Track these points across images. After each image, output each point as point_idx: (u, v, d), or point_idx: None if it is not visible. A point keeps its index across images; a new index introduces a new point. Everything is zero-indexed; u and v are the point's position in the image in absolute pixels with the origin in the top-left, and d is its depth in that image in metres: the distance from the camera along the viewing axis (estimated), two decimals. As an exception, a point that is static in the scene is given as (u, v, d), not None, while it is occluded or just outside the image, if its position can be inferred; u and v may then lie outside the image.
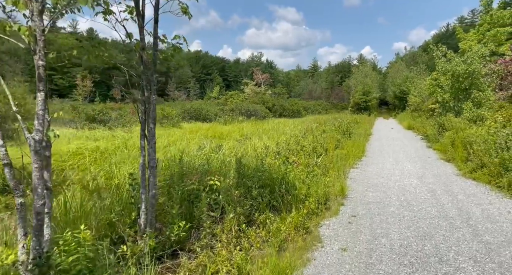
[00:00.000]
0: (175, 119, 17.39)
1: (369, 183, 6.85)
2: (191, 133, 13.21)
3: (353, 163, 9.17)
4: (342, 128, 15.50)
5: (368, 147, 12.56)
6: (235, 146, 8.21)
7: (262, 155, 7.03)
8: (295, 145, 8.96)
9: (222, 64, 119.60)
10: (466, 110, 12.37)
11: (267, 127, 17.17)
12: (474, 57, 12.69)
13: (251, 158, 6.68)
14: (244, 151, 7.43)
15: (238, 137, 12.00)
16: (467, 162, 8.27)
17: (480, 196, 5.72)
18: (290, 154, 7.88)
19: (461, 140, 9.20)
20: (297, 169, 6.52)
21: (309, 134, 12.47)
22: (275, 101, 33.76)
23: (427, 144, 13.06)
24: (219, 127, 17.18)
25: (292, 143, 9.13)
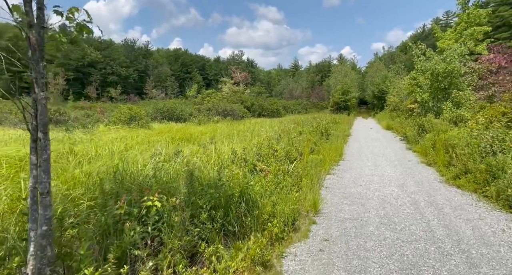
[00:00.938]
0: (143, 119, 16.18)
1: (346, 193, 6.11)
2: (159, 135, 12.12)
3: (330, 168, 8.45)
4: (320, 128, 14.85)
5: (347, 149, 11.93)
6: (198, 151, 7.28)
7: (227, 163, 6.14)
8: (267, 149, 8.12)
9: (202, 62, 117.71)
10: (445, 111, 11.97)
11: (242, 128, 16.27)
12: (454, 55, 12.31)
13: (212, 167, 5.78)
14: (206, 159, 6.52)
15: (209, 139, 11.05)
16: (449, 167, 7.71)
17: (468, 209, 5.08)
18: (261, 160, 7.04)
19: (443, 143, 8.67)
20: (265, 179, 5.68)
21: (285, 135, 11.69)
22: (254, 100, 32.90)
23: (407, 146, 12.59)
24: (192, 128, 16.14)
25: (265, 147, 8.29)
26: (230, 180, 4.43)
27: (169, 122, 20.12)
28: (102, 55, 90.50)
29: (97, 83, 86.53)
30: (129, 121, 15.75)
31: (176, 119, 21.16)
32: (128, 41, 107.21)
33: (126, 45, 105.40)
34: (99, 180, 4.03)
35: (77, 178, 4.34)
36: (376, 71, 45.95)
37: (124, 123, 15.59)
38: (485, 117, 8.88)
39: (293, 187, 5.93)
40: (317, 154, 9.16)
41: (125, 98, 76.75)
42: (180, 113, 21.45)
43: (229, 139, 11.06)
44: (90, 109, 27.72)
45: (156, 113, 21.09)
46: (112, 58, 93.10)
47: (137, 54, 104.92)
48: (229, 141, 10.21)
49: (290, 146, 9.27)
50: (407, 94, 20.15)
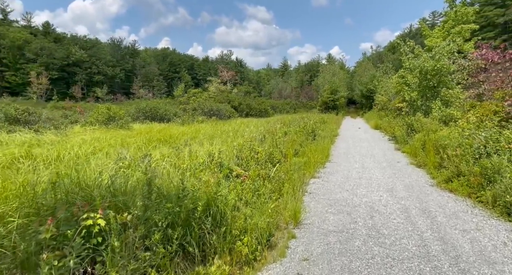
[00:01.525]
0: (123, 119, 15.39)
1: (331, 200, 5.58)
2: (136, 136, 11.40)
3: (315, 171, 7.93)
4: (307, 128, 14.37)
5: (334, 150, 11.46)
6: (170, 154, 6.64)
7: (201, 168, 5.54)
8: (248, 151, 7.55)
9: (190, 62, 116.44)
10: (434, 110, 11.62)
11: (227, 128, 15.66)
12: (442, 53, 11.98)
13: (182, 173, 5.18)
14: (178, 163, 5.89)
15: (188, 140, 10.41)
16: (440, 169, 7.29)
17: (463, 217, 4.61)
18: (240, 164, 6.46)
19: (433, 143, 8.25)
20: (241, 185, 5.11)
21: (270, 136, 11.15)
22: (241, 100, 32.29)
23: (395, 146, 12.20)
24: (174, 129, 15.44)
25: (246, 148, 7.71)
26: (197, 190, 3.83)
27: (152, 122, 19.34)
28: (88, 54, 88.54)
29: (82, 83, 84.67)
30: (107, 121, 14.94)
31: (160, 119, 20.37)
32: (115, 40, 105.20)
33: (112, 44, 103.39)
34: (41, 191, 3.38)
35: (12, 189, 3.67)
36: (364, 70, 45.92)
37: (102, 124, 14.78)
38: (476, 116, 8.51)
39: (273, 194, 5.38)
40: (302, 156, 8.64)
41: (111, 98, 75.25)
42: (163, 113, 20.66)
43: (211, 140, 10.45)
44: (70, 109, 26.66)
45: (138, 113, 20.27)
46: (98, 57, 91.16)
47: (124, 53, 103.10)
48: (210, 142, 9.59)
49: (273, 148, 8.74)
50: (395, 93, 19.90)
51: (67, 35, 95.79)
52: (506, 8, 47.76)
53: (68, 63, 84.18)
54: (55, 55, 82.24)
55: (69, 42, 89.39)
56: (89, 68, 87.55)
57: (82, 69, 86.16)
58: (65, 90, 79.32)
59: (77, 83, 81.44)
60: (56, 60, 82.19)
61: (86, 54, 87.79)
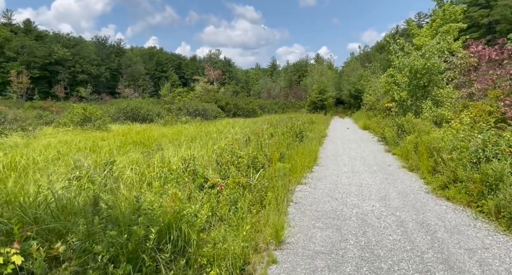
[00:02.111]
0: (100, 120, 14.50)
1: (319, 212, 5.00)
2: (111, 138, 10.60)
3: (302, 176, 7.35)
4: (294, 129, 13.80)
5: (322, 152, 10.93)
6: (138, 160, 5.93)
7: (172, 177, 4.86)
8: (230, 155, 6.90)
9: (178, 61, 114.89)
10: (425, 110, 11.22)
11: (211, 129, 14.97)
12: (433, 51, 11.60)
13: (147, 185, 4.50)
14: (147, 171, 5.20)
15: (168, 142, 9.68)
16: (435, 174, 6.81)
17: (466, 232, 4.09)
18: (219, 171, 5.82)
19: (426, 146, 7.78)
20: (216, 198, 4.47)
21: (255, 138, 10.53)
22: (229, 99, 31.57)
23: (386, 148, 11.77)
24: (155, 130, 14.65)
25: (227, 152, 7.06)
26: (157, 208, 3.16)
27: (133, 123, 18.46)
28: (71, 52, 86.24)
29: (65, 82, 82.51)
30: (83, 122, 14.04)
31: (142, 120, 19.52)
32: (99, 38, 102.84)
33: (97, 43, 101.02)
34: None
35: None
36: (352, 70, 45.83)
37: (77, 125, 13.87)
38: (470, 116, 8.09)
39: (254, 206, 4.76)
40: (289, 160, 8.04)
41: (96, 97, 73.37)
42: (145, 113, 19.80)
43: (192, 143, 9.76)
44: (47, 109, 25.43)
45: (119, 114, 19.35)
46: (82, 55, 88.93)
47: (109, 52, 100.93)
48: (190, 145, 8.90)
49: (258, 151, 8.12)
50: (383, 93, 19.58)
51: (49, 33, 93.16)
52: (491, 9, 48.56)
53: (50, 61, 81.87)
54: (37, 54, 79.90)
55: (51, 40, 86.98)
56: (72, 66, 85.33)
57: (65, 68, 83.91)
58: (47, 90, 77.19)
59: (60, 82, 79.28)
60: (37, 59, 79.86)
61: (69, 52, 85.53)
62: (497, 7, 48.92)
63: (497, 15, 48.52)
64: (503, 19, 47.87)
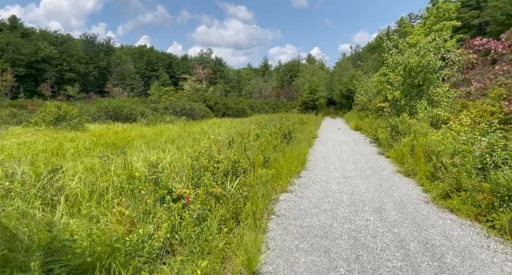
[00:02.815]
0: (75, 119, 13.54)
1: (304, 228, 4.25)
2: (82, 139, 9.69)
3: (288, 182, 6.62)
4: (283, 130, 13.08)
5: (311, 155, 10.22)
6: (95, 167, 5.09)
7: (128, 187, 4.05)
8: (207, 159, 6.11)
9: (168, 60, 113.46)
10: (420, 110, 10.61)
11: (195, 129, 14.15)
12: (428, 47, 11.00)
13: (102, 195, 3.69)
14: (102, 180, 4.38)
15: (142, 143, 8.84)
16: (434, 180, 6.15)
17: (480, 256, 3.39)
18: (191, 178, 5.03)
19: (423, 149, 7.12)
20: (181, 212, 3.69)
21: (240, 139, 9.78)
22: (218, 99, 30.72)
23: (378, 150, 11.13)
24: (136, 130, 13.77)
25: (204, 156, 6.27)
26: (84, 238, 2.36)
27: (115, 122, 17.50)
28: (58, 50, 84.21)
29: (52, 81, 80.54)
30: (56, 121, 13.06)
31: (124, 120, 18.55)
32: (88, 36, 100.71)
33: (85, 41, 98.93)
34: None
35: None
36: (344, 70, 45.41)
37: (49, 124, 12.89)
38: (470, 117, 7.47)
39: (227, 223, 3.99)
40: (274, 164, 7.28)
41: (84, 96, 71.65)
42: (128, 112, 18.84)
43: (171, 144, 8.94)
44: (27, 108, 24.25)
45: (100, 112, 18.34)
46: (70, 54, 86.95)
47: (98, 51, 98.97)
48: (165, 147, 8.08)
49: (241, 154, 7.36)
50: (376, 92, 19.02)
51: (35, 30, 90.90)
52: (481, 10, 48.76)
53: (36, 59, 79.78)
54: (22, 51, 77.77)
55: (37, 37, 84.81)
56: (59, 65, 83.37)
57: (52, 66, 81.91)
58: (34, 88, 75.17)
59: (47, 80, 77.34)
60: (23, 56, 77.73)
61: (56, 50, 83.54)
62: (487, 9, 49.14)
63: (487, 16, 48.73)
64: (493, 21, 48.07)
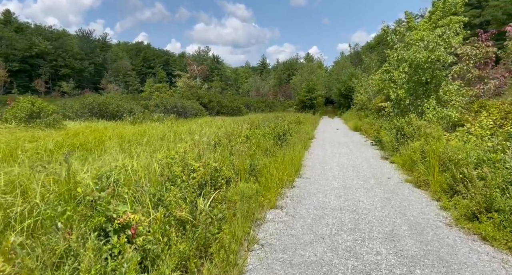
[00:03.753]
0: (51, 116, 12.41)
1: (294, 266, 3.19)
2: (49, 139, 8.57)
3: (279, 194, 5.57)
4: (277, 130, 12.02)
5: (307, 159, 9.18)
6: (16, 181, 3.97)
7: (47, 215, 2.96)
8: (182, 167, 5.03)
9: (165, 57, 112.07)
10: (428, 110, 9.59)
11: (183, 129, 13.05)
12: (438, 41, 9.98)
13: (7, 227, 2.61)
14: (21, 199, 3.30)
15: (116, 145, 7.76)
16: (453, 194, 5.12)
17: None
18: (157, 191, 3.96)
19: (438, 156, 6.08)
20: (125, 249, 2.62)
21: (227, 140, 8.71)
22: (212, 96, 29.58)
23: (381, 154, 10.11)
24: (119, 129, 12.65)
25: (178, 163, 5.19)
26: None
27: (99, 120, 16.35)
28: (53, 45, 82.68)
29: (46, 76, 79.15)
30: (29, 118, 11.92)
31: (110, 117, 17.40)
32: (83, 31, 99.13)
33: (81, 36, 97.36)
34: None
35: None
36: (342, 68, 44.36)
37: (21, 121, 11.75)
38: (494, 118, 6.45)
39: (189, 263, 2.92)
40: (263, 172, 6.20)
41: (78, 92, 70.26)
42: (114, 109, 17.69)
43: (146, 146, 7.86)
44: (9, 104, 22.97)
45: (84, 109, 17.18)
46: (65, 49, 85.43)
47: (94, 46, 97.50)
48: (135, 151, 6.99)
49: (225, 159, 6.31)
50: (377, 91, 18.00)
51: (30, 25, 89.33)
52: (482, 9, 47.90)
53: (30, 54, 78.26)
54: (16, 46, 76.16)
55: (32, 32, 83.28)
56: (54, 60, 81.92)
57: (47, 62, 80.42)
58: (28, 84, 73.74)
59: (41, 76, 75.94)
60: (17, 51, 76.19)
61: (51, 45, 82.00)
62: (488, 8, 48.32)
63: (488, 15, 47.90)
64: (494, 20, 47.22)
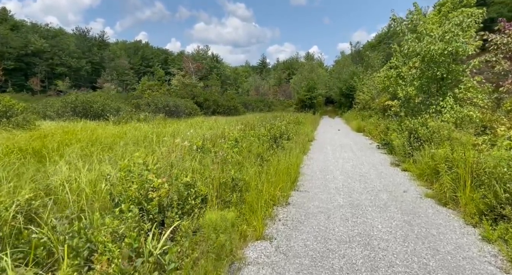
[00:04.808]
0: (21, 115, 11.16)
1: None
2: (14, 140, 7.34)
3: (268, 216, 4.34)
4: (273, 132, 10.79)
5: (306, 166, 7.94)
6: None
7: None
8: (138, 184, 3.77)
9: (164, 56, 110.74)
10: (446, 110, 8.35)
11: (169, 130, 11.81)
12: (457, 31, 8.74)
13: None
14: None
15: (84, 149, 6.54)
16: (495, 219, 3.89)
17: None
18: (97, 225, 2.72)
19: (470, 168, 4.83)
20: None
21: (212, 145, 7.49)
22: (207, 95, 28.32)
23: (390, 159, 8.87)
24: (99, 130, 11.41)
25: (136, 178, 3.93)
26: None
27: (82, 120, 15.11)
28: (49, 44, 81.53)
29: (42, 75, 78.08)
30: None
31: (94, 116, 16.16)
32: (80, 30, 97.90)
33: (78, 35, 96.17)
34: None
35: None
36: (343, 67, 43.06)
37: (-13, 122, 10.51)
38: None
39: None
40: (251, 185, 4.95)
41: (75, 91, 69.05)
42: (99, 108, 16.44)
43: (111, 151, 6.63)
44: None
45: (66, 108, 15.93)
46: (61, 47, 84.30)
47: (91, 45, 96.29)
48: (102, 156, 5.74)
49: (206, 168, 5.10)
50: (381, 89, 16.74)
51: (26, 23, 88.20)
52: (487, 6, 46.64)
53: (26, 52, 77.07)
54: (12, 44, 74.98)
55: (28, 30, 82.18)
56: (50, 59, 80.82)
57: (43, 60, 79.28)
58: (23, 82, 72.64)
59: (37, 74, 74.85)
60: (12, 49, 75.00)
61: (47, 43, 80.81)
62: (493, 5, 47.10)
63: (494, 13, 46.65)
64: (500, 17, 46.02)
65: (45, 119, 15.23)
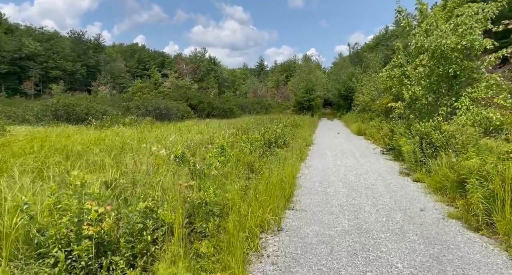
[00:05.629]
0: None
1: None
2: None
3: (254, 248, 3.32)
4: (268, 136, 9.80)
5: (303, 176, 6.92)
6: None
7: None
8: (75, 212, 2.75)
9: (161, 59, 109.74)
10: (461, 111, 7.37)
11: (153, 135, 10.79)
12: (472, 23, 7.78)
13: None
14: None
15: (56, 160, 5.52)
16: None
17: None
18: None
19: (509, 183, 3.82)
20: None
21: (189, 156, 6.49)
22: (202, 97, 27.30)
23: (398, 166, 7.89)
24: (76, 135, 10.38)
25: (74, 206, 2.91)
26: None
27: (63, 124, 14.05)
28: (44, 47, 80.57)
29: (37, 78, 77.07)
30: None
31: (77, 120, 15.10)
32: (75, 32, 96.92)
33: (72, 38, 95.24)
34: None
35: None
36: (341, 68, 42.17)
37: None
38: None
39: None
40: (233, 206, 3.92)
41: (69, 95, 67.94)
42: (83, 112, 15.39)
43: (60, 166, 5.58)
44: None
45: (46, 112, 14.87)
46: (55, 51, 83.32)
47: (86, 48, 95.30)
48: (62, 170, 4.71)
49: (174, 191, 4.08)
50: (383, 90, 15.79)
51: (20, 26, 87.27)
52: (487, 6, 45.98)
53: (20, 56, 76.03)
54: (5, 47, 74.02)
55: (22, 33, 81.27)
56: (45, 62, 79.76)
57: (37, 63, 78.21)
58: (17, 86, 71.66)
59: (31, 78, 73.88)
60: (5, 53, 73.98)
61: (42, 47, 79.84)
62: (493, 5, 46.47)
63: (494, 13, 46.04)
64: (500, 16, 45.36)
65: (24, 124, 14.18)
